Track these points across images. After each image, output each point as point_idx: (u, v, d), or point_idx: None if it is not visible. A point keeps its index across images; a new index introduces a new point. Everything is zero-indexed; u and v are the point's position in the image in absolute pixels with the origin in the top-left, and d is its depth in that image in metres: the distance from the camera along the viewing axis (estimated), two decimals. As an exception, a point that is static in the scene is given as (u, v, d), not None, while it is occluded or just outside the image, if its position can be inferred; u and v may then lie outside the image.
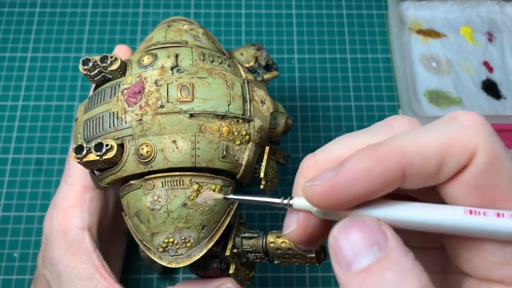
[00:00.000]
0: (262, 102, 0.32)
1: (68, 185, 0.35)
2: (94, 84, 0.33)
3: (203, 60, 0.32)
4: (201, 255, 0.30)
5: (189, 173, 0.29)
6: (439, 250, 0.22)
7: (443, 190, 0.18)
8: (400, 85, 0.50)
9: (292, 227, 0.21)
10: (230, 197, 0.27)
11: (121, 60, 0.31)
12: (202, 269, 0.33)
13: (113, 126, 0.30)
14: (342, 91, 0.52)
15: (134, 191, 0.30)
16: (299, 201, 0.21)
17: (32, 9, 0.55)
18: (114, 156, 0.29)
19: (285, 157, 0.38)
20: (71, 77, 0.52)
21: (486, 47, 0.54)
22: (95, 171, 0.32)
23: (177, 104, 0.29)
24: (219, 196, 0.28)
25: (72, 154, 0.29)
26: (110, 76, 0.32)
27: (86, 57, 0.31)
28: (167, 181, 0.29)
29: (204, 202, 0.29)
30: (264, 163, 0.31)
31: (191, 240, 0.30)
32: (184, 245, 0.30)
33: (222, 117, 0.30)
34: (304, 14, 0.56)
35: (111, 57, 0.31)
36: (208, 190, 0.29)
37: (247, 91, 0.31)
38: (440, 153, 0.17)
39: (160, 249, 0.30)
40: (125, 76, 0.31)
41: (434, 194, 0.19)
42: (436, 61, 0.53)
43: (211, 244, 0.30)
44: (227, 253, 0.31)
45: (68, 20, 0.55)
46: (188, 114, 0.29)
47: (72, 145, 0.33)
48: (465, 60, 0.53)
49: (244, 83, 0.32)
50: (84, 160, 0.29)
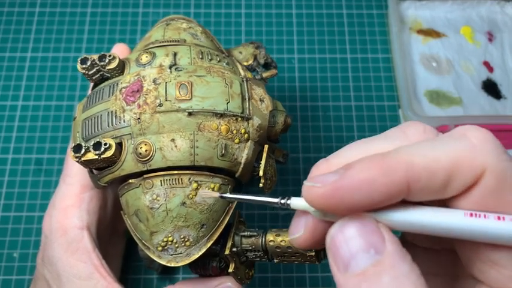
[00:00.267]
0: (261, 100, 0.32)
1: (66, 185, 0.35)
2: (92, 83, 0.33)
3: (202, 58, 0.32)
4: (200, 254, 0.30)
5: (187, 172, 0.29)
6: (449, 252, 0.21)
7: (450, 203, 0.18)
8: (400, 85, 0.50)
9: (299, 232, 0.21)
10: (227, 195, 0.27)
11: (119, 58, 0.31)
12: (201, 267, 0.33)
13: (111, 125, 0.29)
14: (342, 91, 0.52)
15: (133, 190, 0.30)
16: (297, 201, 0.20)
17: (31, 9, 0.55)
18: (112, 155, 0.29)
19: (284, 156, 0.38)
20: (70, 76, 0.52)
21: (486, 46, 0.54)
22: (94, 170, 0.32)
23: (176, 102, 0.29)
24: (216, 195, 0.28)
25: (71, 153, 0.29)
26: (108, 75, 0.32)
27: (84, 56, 0.31)
28: (166, 180, 0.29)
29: (203, 201, 0.29)
30: (263, 161, 0.31)
31: (190, 239, 0.30)
32: (183, 244, 0.30)
33: (221, 115, 0.30)
34: (304, 14, 0.56)
35: (109, 56, 0.31)
36: (207, 189, 0.29)
37: (246, 89, 0.31)
38: (448, 171, 0.17)
39: (160, 248, 0.30)
40: (123, 75, 0.31)
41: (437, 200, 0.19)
42: (436, 61, 0.53)
43: (211, 243, 0.30)
44: (226, 252, 0.31)
45: (67, 19, 0.55)
46: (187, 113, 0.29)
47: (71, 144, 0.33)
48: (465, 60, 0.53)
49: (243, 81, 0.31)
50: (82, 159, 0.29)
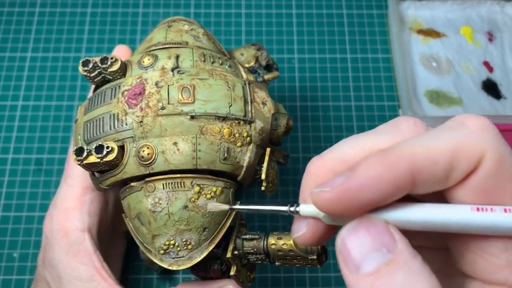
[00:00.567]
0: (264, 103, 0.32)
1: (67, 186, 0.35)
2: (93, 85, 0.33)
3: (204, 61, 0.31)
4: (202, 257, 0.30)
5: (190, 175, 0.29)
6: (441, 251, 0.22)
7: (451, 194, 0.19)
8: (400, 85, 0.50)
9: (301, 230, 0.21)
10: (236, 207, 0.25)
11: (121, 61, 0.31)
12: (203, 270, 0.33)
13: (114, 128, 0.29)
14: (342, 91, 0.52)
15: (135, 193, 0.30)
16: (306, 208, 0.21)
17: (31, 9, 0.55)
18: (114, 158, 0.28)
19: (285, 156, 0.38)
20: (70, 77, 0.52)
21: (486, 46, 0.54)
22: (95, 173, 0.32)
23: (178, 105, 0.29)
24: (225, 207, 0.26)
25: (73, 156, 0.29)
26: (110, 77, 0.31)
27: (86, 58, 0.31)
28: (168, 183, 0.29)
29: (204, 204, 0.29)
30: (265, 164, 0.31)
31: (192, 243, 0.30)
32: (185, 247, 0.30)
33: (223, 118, 0.30)
34: (304, 14, 0.56)
35: (111, 59, 0.31)
36: (209, 192, 0.29)
37: (249, 92, 0.31)
38: (449, 159, 0.18)
39: (162, 252, 0.30)
40: (125, 77, 0.31)
41: (438, 196, 0.19)
42: (436, 61, 0.53)
43: (212, 246, 0.30)
44: (228, 255, 0.31)
45: (67, 19, 0.55)
46: (189, 116, 0.29)
47: (72, 146, 0.33)
48: (465, 60, 0.53)
49: (245, 84, 0.31)
50: (84, 162, 0.29)
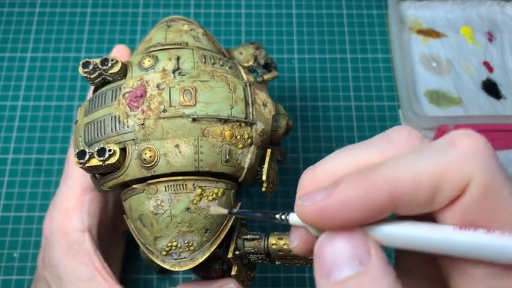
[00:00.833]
0: (264, 105, 0.32)
1: (67, 187, 0.34)
2: (93, 86, 0.33)
3: (205, 62, 0.31)
4: (204, 258, 0.30)
5: (192, 177, 0.29)
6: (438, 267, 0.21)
7: (438, 216, 0.18)
8: (400, 85, 0.50)
9: (295, 242, 0.22)
10: (235, 212, 0.29)
11: (122, 62, 0.31)
12: (204, 270, 0.33)
13: (115, 130, 0.29)
14: (342, 91, 0.52)
15: (137, 195, 0.30)
16: (294, 217, 0.21)
17: (31, 9, 0.55)
18: (117, 161, 0.28)
19: (283, 154, 0.38)
20: (70, 77, 0.52)
21: (486, 47, 0.54)
22: (97, 175, 0.32)
23: (180, 108, 0.29)
24: (224, 211, 0.29)
25: (74, 159, 0.28)
26: (110, 78, 0.31)
27: (86, 59, 0.31)
28: (170, 185, 0.29)
29: (207, 206, 0.29)
30: (265, 165, 0.31)
31: (194, 244, 0.30)
32: (187, 249, 0.30)
33: (225, 121, 0.30)
34: (304, 14, 0.56)
35: (112, 60, 0.31)
36: (211, 194, 0.30)
37: (250, 94, 0.31)
38: (434, 183, 0.17)
39: (164, 253, 0.30)
40: (125, 78, 0.31)
41: (428, 214, 0.19)
42: (436, 61, 0.53)
43: (214, 247, 0.30)
44: (229, 255, 0.31)
45: (67, 20, 0.55)
46: (191, 119, 0.29)
47: (72, 147, 0.33)
48: (465, 60, 0.53)
49: (246, 85, 0.31)
50: (86, 165, 0.29)
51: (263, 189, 0.31)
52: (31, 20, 0.55)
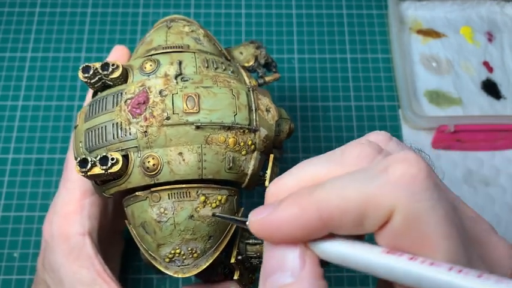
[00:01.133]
0: (268, 110, 0.31)
1: (67, 191, 0.34)
2: (93, 90, 0.32)
3: (207, 67, 0.31)
4: (207, 264, 0.30)
5: (195, 185, 0.29)
6: None
7: (375, 237, 0.19)
8: (400, 85, 0.50)
9: None
10: (217, 215, 0.29)
11: (122, 67, 0.30)
12: (206, 273, 0.33)
13: (117, 137, 0.29)
14: (342, 91, 0.52)
15: (140, 202, 0.29)
16: None
17: (31, 9, 0.55)
18: (119, 169, 0.28)
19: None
20: (70, 77, 0.52)
21: (486, 47, 0.54)
22: (98, 182, 0.31)
23: (183, 115, 0.28)
24: (209, 213, 0.29)
25: (76, 167, 0.28)
26: (111, 83, 0.31)
27: (86, 64, 0.30)
28: (174, 193, 0.29)
29: (209, 213, 0.29)
30: (268, 171, 0.31)
31: (198, 251, 0.30)
32: (191, 256, 0.30)
33: (229, 128, 0.29)
34: (304, 14, 0.56)
35: (113, 65, 0.30)
36: (214, 201, 0.30)
37: (253, 100, 0.31)
38: (359, 210, 0.18)
39: (167, 260, 0.30)
40: (126, 83, 0.30)
41: None
42: (436, 61, 0.53)
43: (218, 253, 0.30)
44: (232, 260, 0.31)
45: (67, 20, 0.55)
46: (194, 126, 0.28)
47: (72, 152, 0.32)
48: (465, 60, 0.53)
49: (249, 90, 0.31)
50: (88, 174, 0.28)
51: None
52: (31, 20, 0.55)
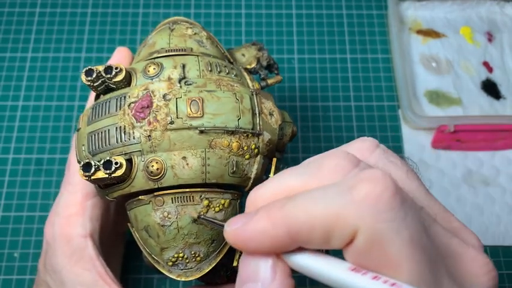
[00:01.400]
0: (271, 114, 0.31)
1: (69, 193, 0.34)
2: (95, 93, 0.32)
3: (210, 70, 0.31)
4: (210, 268, 0.30)
5: (199, 189, 0.29)
6: None
7: (343, 253, 0.19)
8: (400, 85, 0.50)
9: None
10: (202, 217, 0.29)
11: (126, 70, 0.30)
12: (208, 276, 0.33)
13: (121, 141, 0.29)
14: (342, 91, 0.52)
15: (143, 206, 0.29)
16: None
17: (32, 10, 0.55)
18: (123, 173, 0.28)
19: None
20: (71, 77, 0.52)
21: (486, 47, 0.54)
22: (101, 185, 0.31)
23: (187, 120, 0.28)
24: (195, 216, 0.29)
25: (80, 171, 0.28)
26: (114, 86, 0.31)
27: (89, 67, 0.30)
28: (177, 197, 0.29)
29: (213, 217, 0.29)
30: (271, 175, 0.31)
31: (201, 255, 0.30)
32: (194, 259, 0.30)
33: (232, 132, 0.29)
34: (304, 14, 0.56)
35: (116, 68, 0.30)
36: (217, 205, 0.30)
37: (256, 104, 0.31)
38: (325, 228, 0.18)
39: (170, 263, 0.30)
40: (129, 86, 0.30)
41: None
42: (436, 61, 0.53)
43: (221, 257, 0.30)
44: (235, 264, 0.31)
45: (68, 20, 0.55)
46: (198, 131, 0.28)
47: (73, 153, 0.32)
48: (465, 60, 0.53)
49: (252, 94, 0.31)
50: (92, 178, 0.28)
51: None
52: (32, 20, 0.55)
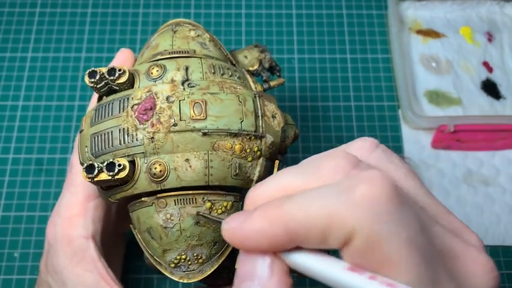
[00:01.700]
0: (273, 116, 0.31)
1: (71, 194, 0.34)
2: (98, 94, 0.32)
3: (213, 73, 0.31)
4: (212, 270, 0.30)
5: (201, 192, 0.29)
6: None
7: (341, 252, 0.18)
8: (400, 85, 0.50)
9: None
10: (201, 214, 0.29)
11: (129, 72, 0.30)
12: (210, 277, 0.33)
13: (124, 143, 0.29)
14: (342, 91, 0.52)
15: (145, 208, 0.29)
16: None
17: (32, 10, 0.55)
18: (126, 175, 0.28)
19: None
20: (71, 77, 0.52)
21: (486, 47, 0.54)
22: (104, 187, 0.31)
23: (190, 122, 0.28)
24: (194, 213, 0.29)
25: (83, 173, 0.28)
26: (117, 88, 0.31)
27: (93, 69, 0.30)
28: (180, 199, 0.29)
29: (217, 219, 0.29)
30: None
31: (203, 257, 0.30)
32: (196, 261, 0.30)
33: (235, 135, 0.29)
34: (304, 14, 0.56)
35: (119, 70, 0.30)
36: (220, 207, 0.30)
37: (259, 106, 0.31)
38: (323, 228, 0.18)
39: (172, 265, 0.30)
40: (132, 88, 0.30)
41: None
42: (435, 61, 0.53)
43: (223, 259, 0.30)
44: (236, 266, 0.31)
45: (68, 20, 0.55)
46: (201, 133, 0.28)
47: (76, 156, 0.32)
48: (465, 60, 0.53)
49: (255, 97, 0.31)
50: (95, 180, 0.28)
51: None
52: (32, 20, 0.55)
